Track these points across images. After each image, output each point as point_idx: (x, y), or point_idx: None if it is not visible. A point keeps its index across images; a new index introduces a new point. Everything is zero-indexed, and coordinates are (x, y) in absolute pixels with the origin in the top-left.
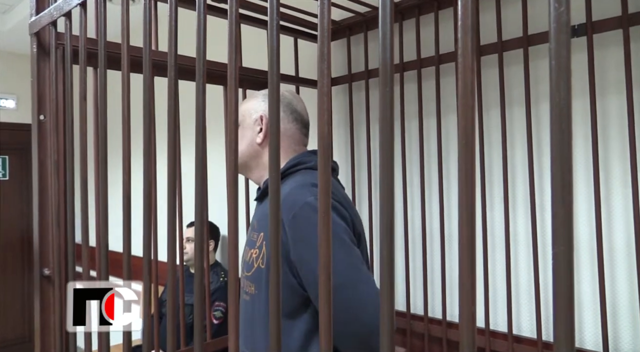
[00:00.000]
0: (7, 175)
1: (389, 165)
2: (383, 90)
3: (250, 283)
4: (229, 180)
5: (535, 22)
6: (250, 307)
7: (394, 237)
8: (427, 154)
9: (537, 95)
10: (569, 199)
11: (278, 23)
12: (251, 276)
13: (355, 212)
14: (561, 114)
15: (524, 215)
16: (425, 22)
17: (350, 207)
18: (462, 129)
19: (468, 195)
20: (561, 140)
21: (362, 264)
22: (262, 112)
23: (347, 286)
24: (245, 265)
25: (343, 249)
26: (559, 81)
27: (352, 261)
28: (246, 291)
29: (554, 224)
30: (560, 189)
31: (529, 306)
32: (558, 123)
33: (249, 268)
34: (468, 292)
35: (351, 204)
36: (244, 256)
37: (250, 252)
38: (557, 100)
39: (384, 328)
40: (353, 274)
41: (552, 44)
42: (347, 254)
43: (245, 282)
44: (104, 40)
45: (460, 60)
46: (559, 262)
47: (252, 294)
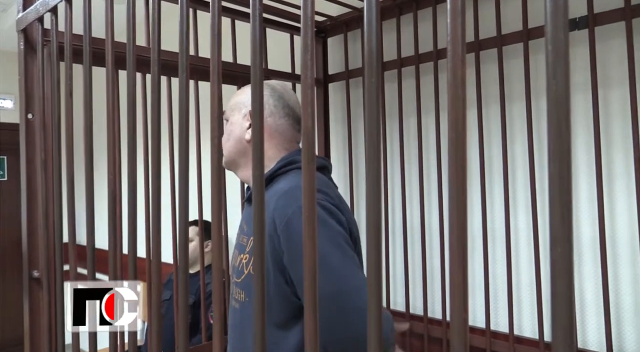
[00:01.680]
0: (5, 175)
1: (376, 165)
2: (369, 82)
3: (240, 290)
4: (213, 181)
5: (536, 15)
6: (240, 315)
7: (381, 236)
8: (426, 152)
9: (538, 90)
10: (566, 197)
11: (261, 13)
12: (241, 283)
13: (351, 215)
14: (558, 102)
15: (524, 212)
16: (423, 16)
17: (346, 210)
18: (452, 122)
19: (459, 195)
20: (558, 130)
21: (359, 270)
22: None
23: (348, 292)
24: (235, 271)
25: (342, 256)
26: (555, 67)
27: (351, 267)
28: (235, 298)
29: (552, 224)
30: (558, 186)
31: (531, 306)
32: (555, 113)
33: (238, 274)
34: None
35: (347, 206)
36: (233, 261)
37: (240, 258)
38: (554, 88)
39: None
40: (353, 281)
41: (548, 26)
42: (345, 261)
43: (234, 288)
44: (89, 36)
45: (449, 48)
46: (557, 264)
47: (241, 301)
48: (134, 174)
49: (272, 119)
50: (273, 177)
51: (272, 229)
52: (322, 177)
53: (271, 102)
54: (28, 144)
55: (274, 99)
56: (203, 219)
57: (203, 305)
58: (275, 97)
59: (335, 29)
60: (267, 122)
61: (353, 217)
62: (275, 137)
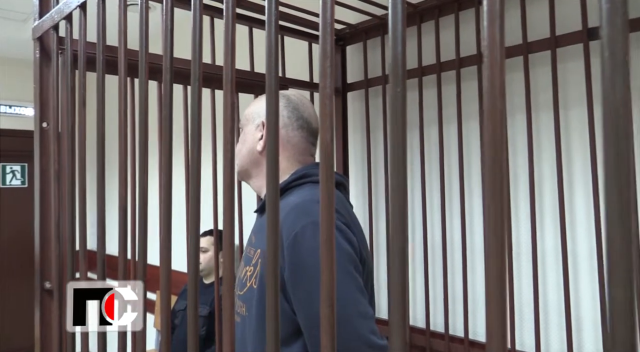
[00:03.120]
0: (26, 182)
1: (401, 178)
2: (394, 91)
3: (242, 303)
4: (225, 191)
5: (563, 21)
6: (241, 329)
7: (407, 260)
8: (447, 162)
9: (566, 100)
10: (628, 221)
11: (277, 19)
12: (243, 296)
13: (362, 235)
14: (617, 116)
15: (552, 229)
16: (445, 24)
17: (358, 230)
18: (489, 137)
19: (497, 215)
20: (617, 148)
21: (361, 296)
22: (265, 118)
23: (348, 319)
24: (239, 283)
25: (345, 280)
26: (614, 76)
27: (352, 293)
28: (237, 312)
29: (610, 259)
30: (618, 209)
31: (559, 326)
32: (613, 128)
33: (242, 287)
34: (498, 315)
35: (359, 225)
36: (239, 273)
37: (245, 270)
38: (612, 100)
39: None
40: (349, 309)
41: (604, 30)
42: (348, 286)
43: (237, 302)
44: (103, 44)
45: (486, 54)
46: (616, 317)
47: (242, 315)
48: (145, 183)
49: (284, 130)
50: (284, 190)
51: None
52: (337, 193)
53: (285, 113)
54: (42, 153)
55: (289, 110)
56: (219, 229)
57: (218, 316)
58: (290, 109)
59: (354, 37)
60: (280, 134)
61: (364, 236)
62: (288, 149)
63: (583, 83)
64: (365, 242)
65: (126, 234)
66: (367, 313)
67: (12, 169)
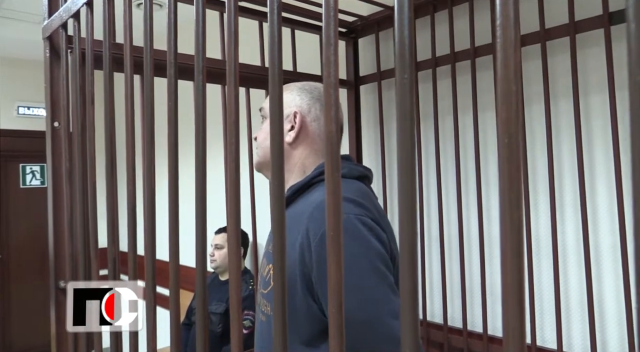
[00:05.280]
0: (45, 182)
1: (410, 170)
2: (401, 78)
3: (266, 302)
4: (230, 186)
5: (582, 5)
6: (267, 328)
7: (417, 257)
8: (463, 153)
9: (586, 87)
10: None
11: (280, 6)
12: (267, 295)
13: (391, 230)
14: None
15: (573, 220)
16: (459, 13)
17: (387, 225)
18: (503, 123)
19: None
20: None
21: (395, 296)
22: (296, 108)
23: (380, 320)
24: (262, 281)
25: (376, 278)
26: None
27: (383, 292)
28: (262, 311)
29: (638, 256)
30: None
31: (581, 321)
32: (639, 111)
33: (265, 285)
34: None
35: (387, 220)
36: (262, 271)
37: (268, 268)
38: (638, 80)
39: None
40: (381, 309)
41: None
42: (379, 285)
43: (261, 300)
44: (110, 41)
45: (499, 34)
46: None
47: (267, 314)
48: (152, 180)
49: (316, 123)
50: (310, 184)
51: (305, 241)
52: (362, 187)
53: (318, 106)
54: (54, 152)
55: (314, 100)
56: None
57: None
58: (315, 99)
59: (366, 29)
60: (312, 127)
61: (392, 231)
62: (317, 143)
63: (603, 68)
64: (394, 237)
65: (135, 231)
66: (398, 312)
67: (32, 170)
